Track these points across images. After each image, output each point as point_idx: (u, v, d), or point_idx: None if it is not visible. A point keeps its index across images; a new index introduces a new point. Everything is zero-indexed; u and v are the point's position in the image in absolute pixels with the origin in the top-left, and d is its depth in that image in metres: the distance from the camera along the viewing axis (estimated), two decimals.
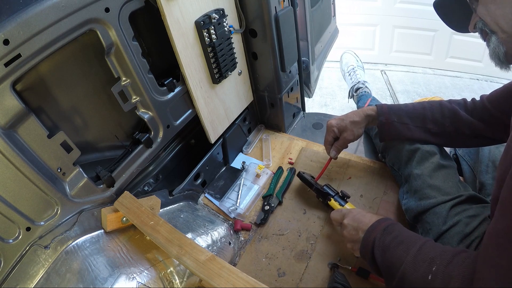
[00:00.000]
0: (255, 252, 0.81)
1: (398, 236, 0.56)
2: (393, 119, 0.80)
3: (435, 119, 0.78)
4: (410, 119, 0.80)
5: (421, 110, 0.79)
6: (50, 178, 0.57)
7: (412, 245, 0.53)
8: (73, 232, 0.62)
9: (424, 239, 0.54)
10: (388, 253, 0.55)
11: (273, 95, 1.07)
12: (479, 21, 0.53)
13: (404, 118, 0.80)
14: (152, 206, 0.73)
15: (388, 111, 0.81)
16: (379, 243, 0.58)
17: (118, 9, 0.59)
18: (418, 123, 0.79)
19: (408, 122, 0.80)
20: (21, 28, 0.46)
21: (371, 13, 2.73)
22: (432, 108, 0.78)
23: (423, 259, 0.50)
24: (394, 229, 0.58)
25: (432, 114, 0.78)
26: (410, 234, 0.57)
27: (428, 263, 0.49)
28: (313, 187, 0.87)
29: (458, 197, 0.68)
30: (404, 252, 0.53)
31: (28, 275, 0.55)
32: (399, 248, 0.54)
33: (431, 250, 0.51)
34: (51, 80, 0.58)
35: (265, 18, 0.87)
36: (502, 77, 2.61)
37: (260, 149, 1.13)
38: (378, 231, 0.59)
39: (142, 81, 0.68)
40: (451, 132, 0.76)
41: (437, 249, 0.51)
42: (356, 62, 1.57)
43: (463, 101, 0.78)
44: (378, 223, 0.61)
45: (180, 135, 0.97)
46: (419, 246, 0.52)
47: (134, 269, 0.60)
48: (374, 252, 0.58)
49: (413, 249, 0.52)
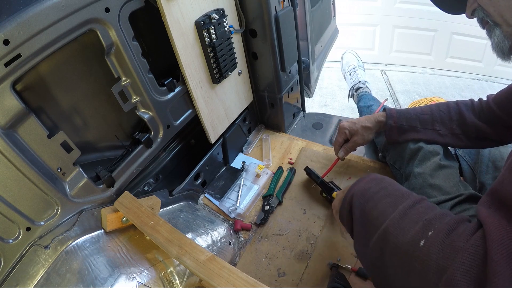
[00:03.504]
0: (255, 252, 0.81)
1: (387, 187, 0.48)
2: (402, 123, 0.81)
3: (443, 121, 0.78)
4: (418, 122, 0.80)
5: (429, 113, 0.80)
6: (50, 178, 0.57)
7: (402, 200, 0.44)
8: (73, 232, 0.62)
9: (418, 197, 0.45)
10: (371, 203, 0.47)
11: (273, 95, 1.07)
12: (479, 9, 0.49)
13: (412, 120, 0.81)
14: (152, 206, 0.73)
15: (397, 115, 0.82)
16: (360, 190, 0.50)
17: (118, 9, 0.59)
18: (426, 125, 0.80)
19: (416, 125, 0.80)
20: (21, 28, 0.46)
21: (371, 13, 2.74)
22: (440, 110, 0.79)
23: (415, 220, 0.40)
24: (384, 180, 0.51)
25: (440, 116, 0.78)
26: (403, 188, 0.49)
27: (422, 226, 0.39)
28: (318, 180, 0.90)
29: (459, 197, 0.68)
30: (390, 206, 0.44)
31: (28, 275, 0.55)
32: (385, 201, 0.45)
33: (427, 210, 0.42)
34: (51, 80, 0.58)
35: (265, 18, 0.87)
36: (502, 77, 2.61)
37: (260, 149, 1.13)
38: (363, 181, 0.52)
39: (142, 81, 0.68)
40: (459, 134, 0.77)
41: (436, 211, 0.42)
42: (357, 62, 1.57)
43: (470, 102, 0.77)
44: (366, 176, 0.54)
45: (180, 135, 0.97)
46: (411, 203, 0.43)
47: (134, 269, 0.60)
48: (352, 203, 0.50)
49: (403, 205, 0.43)
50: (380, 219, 0.44)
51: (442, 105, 0.80)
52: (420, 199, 0.45)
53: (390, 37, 2.81)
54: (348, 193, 0.54)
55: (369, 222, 0.46)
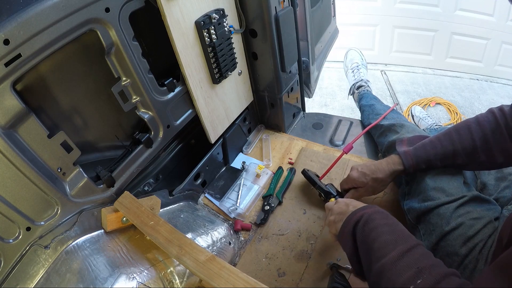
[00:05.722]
0: (255, 252, 0.81)
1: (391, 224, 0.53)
2: (422, 167, 0.74)
3: (466, 153, 0.69)
4: (439, 161, 0.72)
5: (450, 146, 0.70)
6: (50, 178, 0.57)
7: (402, 241, 0.49)
8: (73, 232, 0.62)
9: (416, 241, 0.50)
10: (373, 234, 0.52)
11: (273, 95, 1.07)
12: None
13: (433, 162, 0.73)
14: (152, 206, 0.73)
15: (416, 160, 0.74)
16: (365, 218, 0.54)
17: (118, 9, 0.59)
18: (447, 161, 0.72)
19: (437, 164, 0.73)
20: (22, 28, 0.46)
21: (371, 13, 2.73)
22: (461, 140, 0.69)
23: (409, 265, 0.45)
24: (389, 217, 0.55)
25: (462, 147, 0.69)
26: (404, 230, 0.53)
27: (414, 273, 0.44)
28: (316, 185, 0.88)
29: (462, 198, 0.67)
30: (391, 244, 0.49)
31: (28, 275, 0.55)
32: (387, 237, 0.50)
33: (421, 257, 0.46)
34: (51, 80, 0.58)
35: (265, 18, 0.87)
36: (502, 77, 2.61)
37: (260, 149, 1.13)
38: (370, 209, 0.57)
39: (142, 81, 0.68)
40: (483, 162, 0.69)
41: (428, 260, 0.46)
42: (360, 60, 1.57)
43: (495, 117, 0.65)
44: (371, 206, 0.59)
45: (180, 135, 0.97)
46: (409, 246, 0.48)
47: (134, 269, 0.60)
48: (356, 227, 0.55)
49: (402, 246, 0.48)
50: (380, 252, 0.49)
51: (463, 130, 0.69)
52: (417, 244, 0.49)
53: (390, 37, 2.80)
54: (352, 216, 0.58)
55: (371, 250, 0.51)
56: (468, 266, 0.60)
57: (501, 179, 0.75)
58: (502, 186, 0.73)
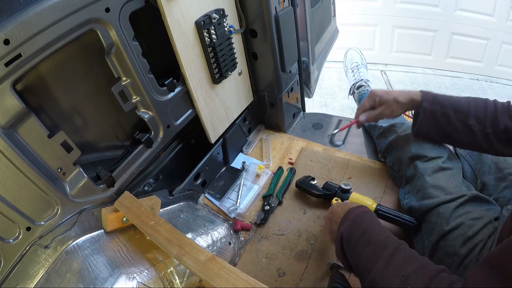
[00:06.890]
0: (255, 252, 0.81)
1: (367, 230, 0.55)
2: (436, 108, 0.76)
3: (477, 116, 0.72)
4: (453, 111, 0.74)
5: (465, 104, 0.74)
6: (50, 178, 0.57)
7: (381, 250, 0.50)
8: (73, 232, 0.62)
9: (396, 243, 0.51)
10: (356, 251, 0.54)
11: (273, 95, 1.07)
12: None
13: (447, 109, 0.75)
14: (152, 206, 0.73)
15: (433, 99, 0.76)
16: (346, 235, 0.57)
17: (118, 9, 0.59)
18: (460, 116, 0.74)
19: (450, 114, 0.75)
20: (22, 28, 0.46)
21: (371, 13, 2.74)
22: (477, 104, 0.74)
23: (395, 273, 0.46)
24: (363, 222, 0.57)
25: (476, 111, 0.73)
26: (381, 232, 0.54)
27: (400, 281, 0.45)
28: (313, 194, 0.89)
29: (461, 197, 0.67)
30: (373, 256, 0.50)
31: (28, 275, 0.55)
32: (367, 251, 0.52)
33: (404, 264, 0.47)
34: (52, 80, 0.58)
35: (265, 18, 0.87)
36: (502, 77, 2.61)
37: (260, 149, 1.13)
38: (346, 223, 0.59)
39: (142, 81, 0.68)
40: (489, 134, 0.71)
41: (412, 264, 0.47)
42: (360, 60, 1.56)
43: (507, 104, 0.72)
44: (347, 216, 0.60)
45: (180, 135, 0.97)
46: (390, 253, 0.49)
47: (134, 269, 0.60)
48: (343, 248, 0.58)
49: (383, 255, 0.49)
50: (367, 268, 0.50)
51: (480, 100, 0.75)
52: (397, 246, 0.50)
53: (390, 37, 2.80)
54: (336, 236, 0.60)
55: (359, 266, 0.53)
56: (468, 266, 0.60)
57: (501, 179, 0.75)
58: (502, 186, 0.74)
